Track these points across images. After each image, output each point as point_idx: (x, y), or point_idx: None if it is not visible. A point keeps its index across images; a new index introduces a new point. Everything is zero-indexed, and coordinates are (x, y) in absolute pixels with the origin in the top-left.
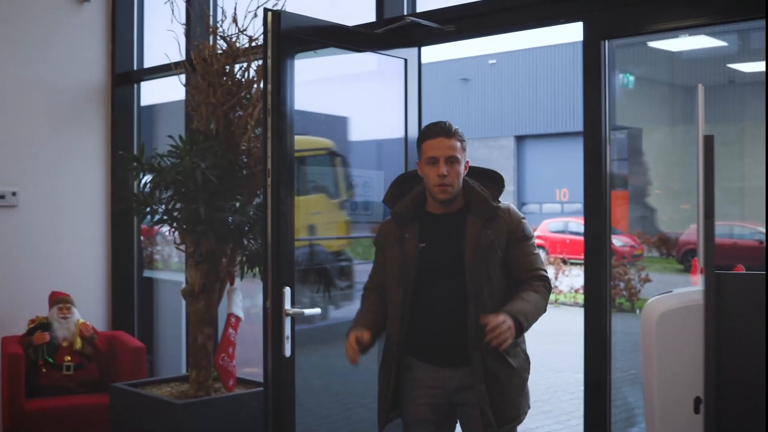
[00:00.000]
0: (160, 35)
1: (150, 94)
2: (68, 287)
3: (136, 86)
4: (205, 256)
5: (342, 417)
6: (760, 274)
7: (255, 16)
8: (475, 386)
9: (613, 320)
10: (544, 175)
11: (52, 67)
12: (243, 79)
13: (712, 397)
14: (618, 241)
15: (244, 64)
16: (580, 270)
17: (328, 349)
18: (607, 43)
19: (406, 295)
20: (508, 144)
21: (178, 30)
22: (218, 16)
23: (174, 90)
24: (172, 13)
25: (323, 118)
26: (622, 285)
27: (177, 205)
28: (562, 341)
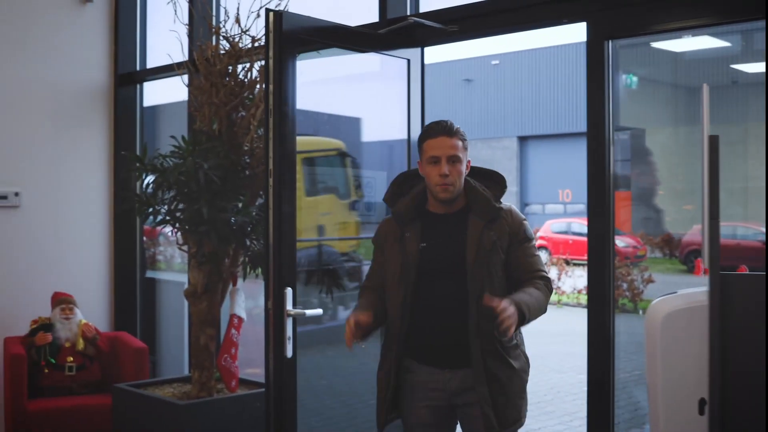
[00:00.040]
0: (163, 35)
1: (153, 95)
2: (71, 288)
3: (138, 87)
4: (208, 257)
5: (347, 418)
6: (763, 275)
7: (258, 16)
8: (477, 388)
9: (616, 321)
10: (546, 175)
11: (55, 68)
12: (246, 80)
13: (716, 399)
14: (621, 242)
15: (247, 65)
16: (583, 271)
17: (336, 349)
18: (610, 43)
19: (407, 295)
20: (511, 145)
21: (181, 30)
22: (221, 17)
23: (177, 90)
24: (175, 14)
25: (326, 118)
26: (624, 286)
27: (179, 206)
28: (565, 342)
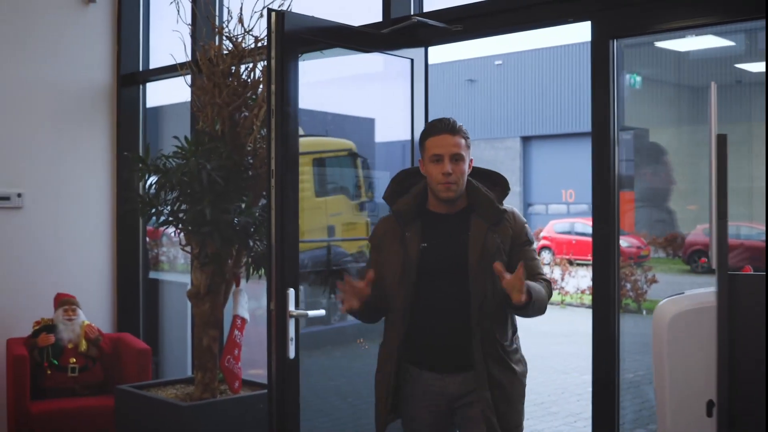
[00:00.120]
0: (166, 36)
1: (155, 96)
2: (73, 289)
3: (141, 87)
4: (211, 258)
5: (352, 418)
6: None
7: (261, 16)
8: (479, 393)
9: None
10: (550, 175)
11: (58, 68)
12: (249, 80)
13: (725, 400)
14: (624, 242)
15: (250, 65)
16: (587, 271)
17: (342, 350)
18: (615, 42)
19: (408, 296)
20: (514, 145)
21: (184, 30)
22: (224, 17)
23: (180, 91)
24: (178, 14)
25: (330, 117)
26: (628, 286)
27: (182, 207)
28: (569, 342)
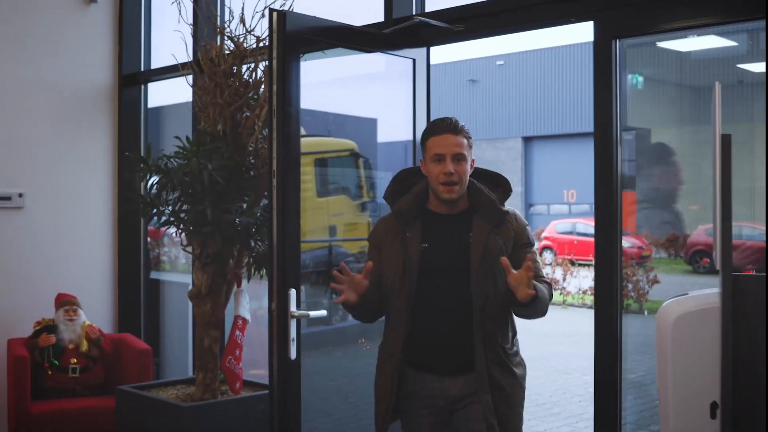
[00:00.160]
0: (168, 36)
1: (157, 96)
2: (74, 289)
3: (143, 87)
4: (212, 258)
5: (354, 419)
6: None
7: (263, 16)
8: (481, 396)
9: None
10: (551, 176)
11: (59, 69)
12: (250, 80)
13: (728, 402)
14: (625, 242)
15: (252, 65)
16: (588, 271)
17: (343, 351)
18: (618, 42)
19: (410, 297)
20: (516, 145)
21: (185, 30)
22: (225, 17)
23: (181, 91)
24: (180, 14)
25: (332, 117)
26: (630, 286)
27: (184, 207)
28: (570, 343)
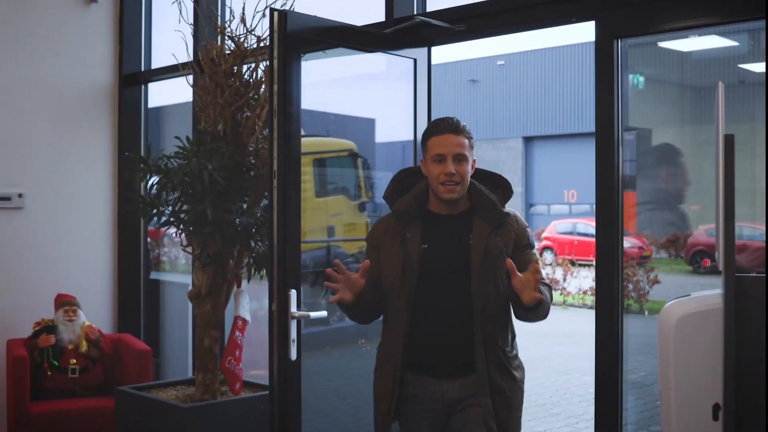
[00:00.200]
0: (168, 36)
1: (157, 96)
2: (74, 289)
3: (143, 87)
4: (212, 258)
5: (352, 419)
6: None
7: (263, 15)
8: (481, 400)
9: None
10: (552, 176)
11: (59, 68)
12: (251, 80)
13: (731, 404)
14: (626, 242)
15: (252, 65)
16: (588, 271)
17: (341, 351)
18: (619, 42)
19: (409, 298)
20: (516, 145)
21: (186, 30)
22: (226, 16)
23: (181, 91)
24: (180, 14)
25: (333, 118)
26: (630, 286)
27: (184, 207)
28: (571, 343)
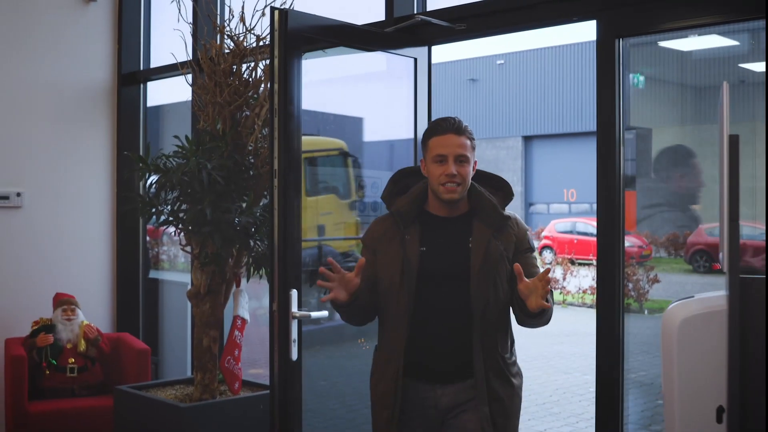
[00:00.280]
0: (167, 35)
1: (156, 95)
2: (73, 289)
3: (142, 86)
4: (211, 258)
5: (347, 418)
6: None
7: (263, 14)
8: (479, 408)
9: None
10: (551, 175)
11: (58, 67)
12: (250, 79)
13: (735, 406)
14: (626, 242)
15: (252, 64)
16: (588, 270)
17: (332, 350)
18: (621, 41)
19: (409, 301)
20: (516, 144)
21: (185, 29)
22: (225, 15)
23: (180, 90)
24: (179, 12)
25: (332, 118)
26: (630, 285)
27: (183, 206)
28: (570, 342)
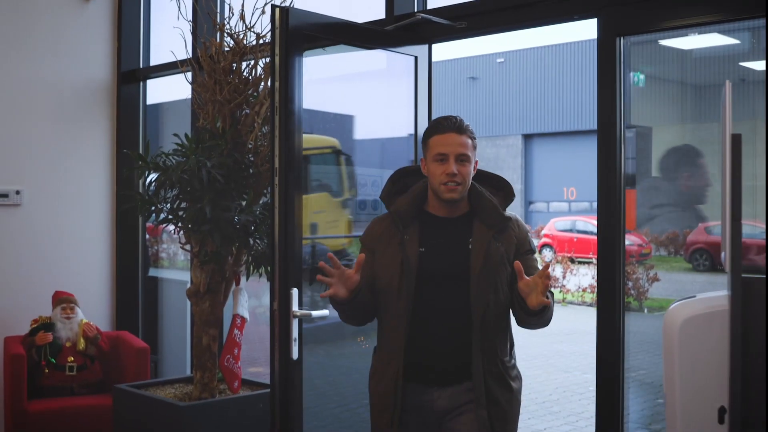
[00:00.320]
0: (167, 32)
1: (156, 93)
2: (72, 287)
3: (141, 84)
4: (211, 256)
5: (345, 417)
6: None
7: (263, 12)
8: (477, 411)
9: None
10: (551, 173)
11: (57, 65)
12: (250, 77)
13: (737, 407)
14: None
15: (251, 62)
16: (588, 269)
17: (330, 348)
18: (622, 39)
19: (408, 302)
20: (516, 142)
21: (185, 27)
22: (225, 13)
23: (180, 88)
24: (179, 10)
25: (331, 117)
26: (630, 284)
27: (182, 205)
28: (570, 341)
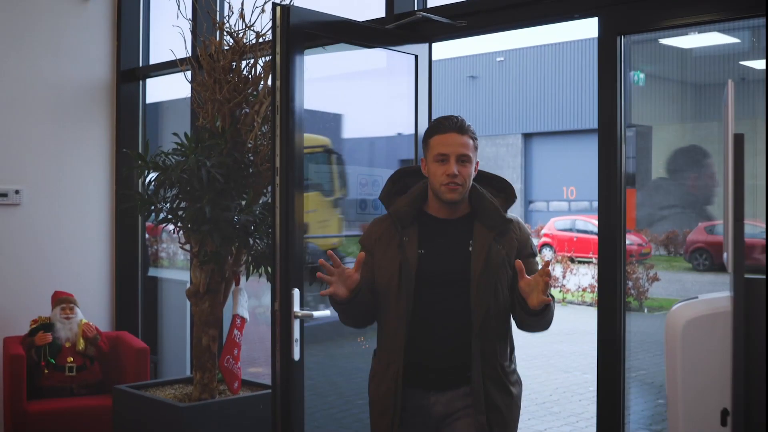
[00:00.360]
0: (166, 31)
1: (155, 92)
2: (71, 287)
3: (141, 83)
4: (210, 256)
5: (343, 417)
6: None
7: (262, 11)
8: (476, 417)
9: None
10: (551, 172)
11: (57, 65)
12: (250, 76)
13: (740, 409)
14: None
15: (251, 61)
16: (588, 268)
17: (331, 347)
18: (622, 38)
19: (408, 305)
20: (516, 142)
21: (184, 26)
22: (225, 12)
23: (180, 87)
24: (178, 9)
25: (331, 116)
26: (630, 284)
27: (182, 204)
28: (570, 341)
